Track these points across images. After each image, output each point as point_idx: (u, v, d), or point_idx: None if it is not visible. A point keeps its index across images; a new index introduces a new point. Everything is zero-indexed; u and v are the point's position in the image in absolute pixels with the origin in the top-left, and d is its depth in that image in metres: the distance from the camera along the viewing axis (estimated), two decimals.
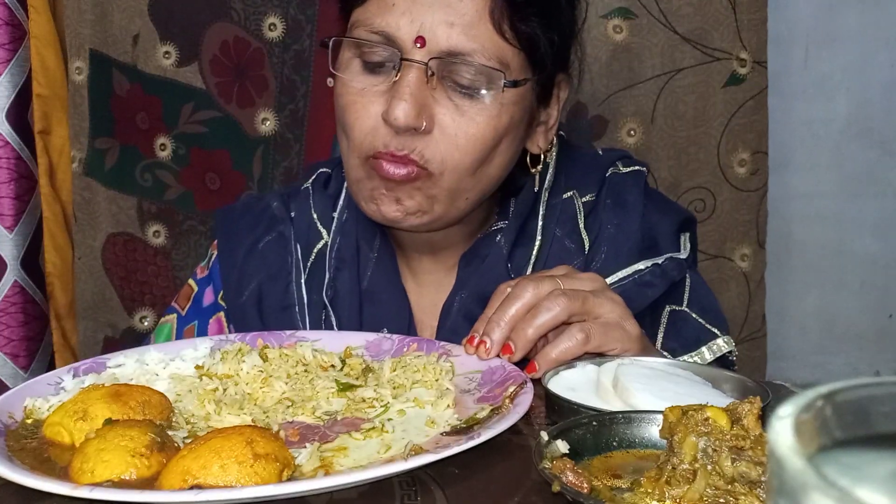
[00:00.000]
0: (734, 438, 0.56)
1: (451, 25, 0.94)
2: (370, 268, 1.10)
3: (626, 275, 1.06)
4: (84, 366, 0.87)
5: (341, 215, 1.13)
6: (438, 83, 0.96)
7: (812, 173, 1.78)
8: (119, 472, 0.62)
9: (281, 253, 1.13)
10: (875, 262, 1.80)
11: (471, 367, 0.87)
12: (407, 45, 0.95)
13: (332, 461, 0.67)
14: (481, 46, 0.95)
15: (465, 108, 0.96)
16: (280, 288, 1.11)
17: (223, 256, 1.16)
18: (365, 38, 0.97)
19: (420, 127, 0.95)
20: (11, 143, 1.63)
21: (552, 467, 0.59)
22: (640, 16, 1.58)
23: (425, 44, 0.94)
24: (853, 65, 1.74)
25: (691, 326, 1.07)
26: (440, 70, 0.95)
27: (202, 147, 1.67)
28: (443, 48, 0.94)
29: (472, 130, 0.97)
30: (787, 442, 0.28)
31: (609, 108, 1.62)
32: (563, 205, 1.11)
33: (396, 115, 0.93)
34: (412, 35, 0.94)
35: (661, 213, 1.12)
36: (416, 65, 0.94)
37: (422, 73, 0.95)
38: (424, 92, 0.95)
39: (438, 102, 0.96)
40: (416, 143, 0.96)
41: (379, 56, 0.97)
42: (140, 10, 1.63)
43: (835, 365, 1.84)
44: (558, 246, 1.09)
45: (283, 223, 1.15)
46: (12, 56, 1.62)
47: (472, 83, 0.96)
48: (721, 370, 0.85)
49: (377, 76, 0.97)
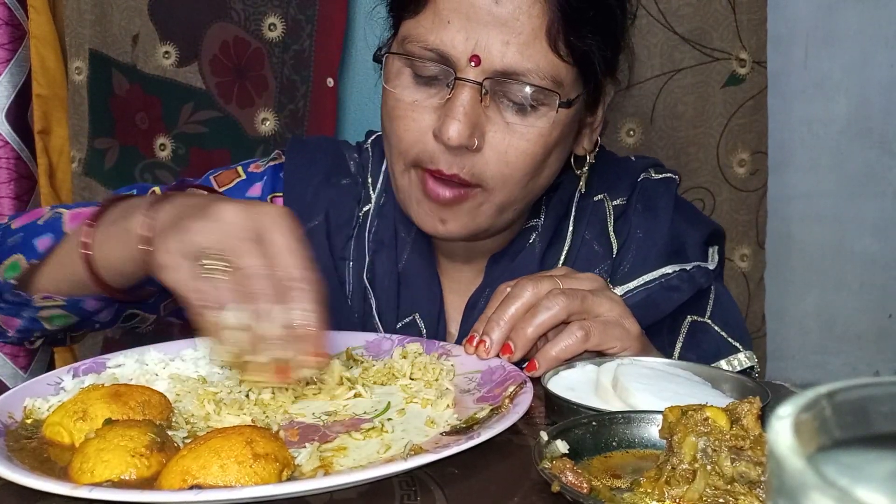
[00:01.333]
0: (734, 438, 0.56)
1: (507, 44, 0.93)
2: (406, 251, 1.10)
3: (652, 278, 1.06)
4: (84, 366, 0.87)
5: (379, 199, 1.13)
6: (491, 101, 0.96)
7: (812, 173, 1.78)
8: (119, 472, 0.62)
9: (351, 204, 1.13)
10: (875, 262, 1.80)
11: (471, 367, 0.87)
12: (461, 63, 0.94)
13: (332, 461, 0.67)
14: (536, 66, 0.94)
15: (516, 126, 0.96)
16: (342, 238, 1.11)
17: (291, 182, 1.13)
18: (418, 54, 0.96)
19: (472, 146, 0.95)
20: (11, 143, 1.63)
21: (552, 467, 0.59)
22: (640, 16, 1.57)
23: (480, 63, 0.93)
24: (853, 65, 1.74)
25: (712, 338, 1.06)
26: (493, 88, 0.95)
27: (202, 147, 1.67)
28: (497, 68, 0.94)
29: (523, 147, 0.96)
30: (787, 442, 0.28)
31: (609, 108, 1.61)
32: (594, 207, 1.11)
33: (450, 135, 0.93)
34: (467, 53, 0.94)
35: (689, 224, 1.12)
36: (470, 84, 0.94)
37: (476, 93, 0.94)
38: (478, 111, 0.95)
39: (490, 120, 0.96)
40: (465, 161, 0.96)
41: (430, 71, 0.96)
42: (140, 10, 1.63)
43: (834, 365, 1.84)
44: (587, 249, 1.09)
45: (357, 176, 1.15)
46: (12, 56, 1.62)
47: (525, 102, 0.95)
48: (721, 370, 0.85)
49: (429, 88, 0.97)
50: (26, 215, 1.04)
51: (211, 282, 0.74)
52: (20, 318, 0.99)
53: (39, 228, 0.99)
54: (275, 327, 0.73)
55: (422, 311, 1.08)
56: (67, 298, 0.96)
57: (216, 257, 0.74)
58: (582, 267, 1.06)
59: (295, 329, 0.73)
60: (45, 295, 0.96)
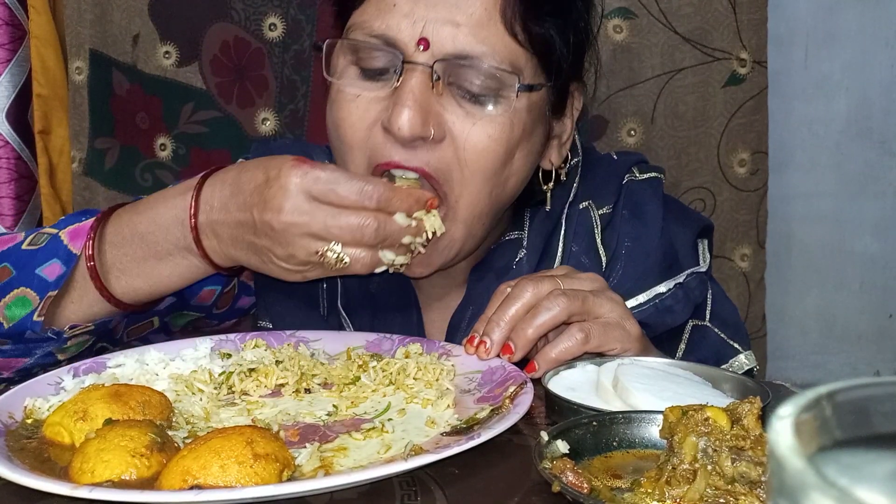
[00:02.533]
0: (734, 438, 0.56)
1: (458, 25, 0.88)
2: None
3: (647, 299, 1.03)
4: (84, 366, 0.87)
5: None
6: (445, 88, 0.90)
7: (812, 173, 1.78)
8: (119, 472, 0.62)
9: None
10: (875, 262, 1.80)
11: (471, 368, 0.87)
12: (409, 47, 0.89)
13: (332, 461, 0.67)
14: (491, 49, 0.89)
15: (475, 116, 0.90)
16: None
17: None
18: (363, 41, 0.91)
19: (428, 135, 0.89)
20: (11, 143, 1.63)
21: (552, 467, 0.59)
22: (640, 16, 1.58)
23: (429, 46, 0.88)
24: (853, 65, 1.74)
25: (711, 341, 1.05)
26: (447, 74, 0.89)
27: (202, 147, 1.67)
28: (448, 50, 0.88)
29: (485, 141, 0.90)
30: (787, 442, 0.28)
31: (609, 108, 1.62)
32: (580, 217, 1.06)
33: (400, 123, 0.87)
34: (414, 37, 0.88)
35: (679, 224, 1.09)
36: (419, 68, 0.88)
37: (426, 78, 0.88)
38: (429, 98, 0.88)
39: (446, 109, 0.90)
40: (425, 154, 0.90)
41: (378, 61, 0.91)
42: (140, 10, 1.63)
43: (835, 365, 1.84)
44: (574, 262, 1.04)
45: None
46: (12, 56, 1.62)
47: (482, 89, 0.89)
48: (721, 370, 0.85)
49: (376, 82, 0.91)
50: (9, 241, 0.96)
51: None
52: (30, 356, 0.93)
53: (37, 255, 0.92)
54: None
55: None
56: (97, 322, 0.94)
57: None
58: None
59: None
60: (73, 324, 0.93)
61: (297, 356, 0.87)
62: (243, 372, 0.84)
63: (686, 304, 1.04)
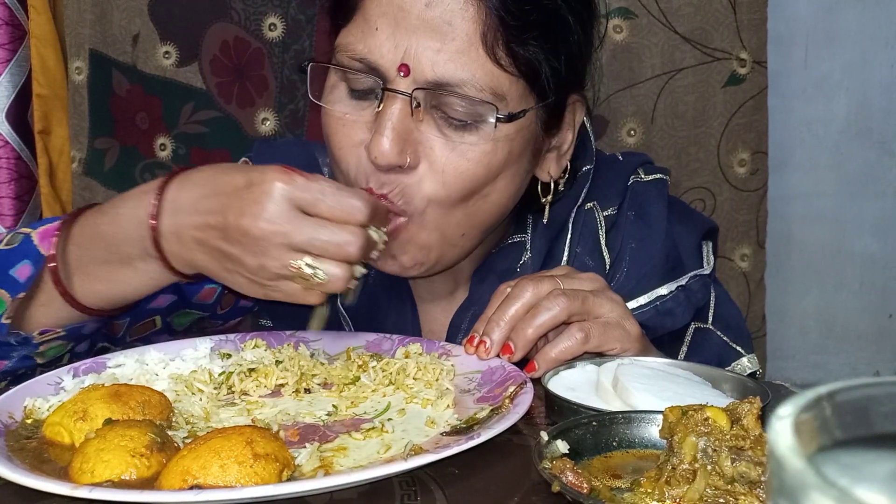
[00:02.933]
0: (734, 438, 0.56)
1: (439, 52, 0.86)
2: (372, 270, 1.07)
3: (648, 301, 1.02)
4: (84, 366, 0.87)
5: None
6: (426, 114, 0.88)
7: (812, 173, 1.78)
8: (119, 472, 0.62)
9: None
10: (875, 262, 1.80)
11: (471, 368, 0.87)
12: (390, 73, 0.87)
13: (332, 461, 0.67)
14: (472, 76, 0.86)
15: (455, 142, 0.89)
16: None
17: None
18: (346, 64, 0.90)
19: (404, 163, 0.88)
20: (11, 143, 1.63)
21: (552, 467, 0.59)
22: (640, 16, 1.58)
23: (409, 72, 0.86)
24: (853, 65, 1.74)
25: (714, 345, 1.04)
26: (427, 101, 0.88)
27: (202, 147, 1.67)
28: (429, 78, 0.86)
29: (463, 167, 0.89)
30: (787, 442, 0.28)
31: (609, 108, 1.62)
32: (585, 218, 1.06)
33: (376, 153, 0.86)
34: (395, 62, 0.86)
35: (684, 226, 1.08)
36: (399, 96, 0.86)
37: (406, 105, 0.87)
38: (408, 125, 0.87)
39: (425, 136, 0.89)
40: (399, 179, 0.89)
41: (363, 84, 0.90)
42: (140, 10, 1.63)
43: (835, 365, 1.84)
44: (578, 263, 1.04)
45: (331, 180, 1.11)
46: (12, 56, 1.62)
47: (464, 115, 0.88)
48: (721, 370, 0.85)
49: (362, 101, 0.91)
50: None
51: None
52: (8, 358, 0.91)
53: (10, 256, 0.89)
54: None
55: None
56: (67, 327, 0.90)
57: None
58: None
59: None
60: (44, 329, 0.89)
61: (297, 356, 0.87)
62: (243, 372, 0.84)
63: (687, 308, 1.03)
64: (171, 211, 0.83)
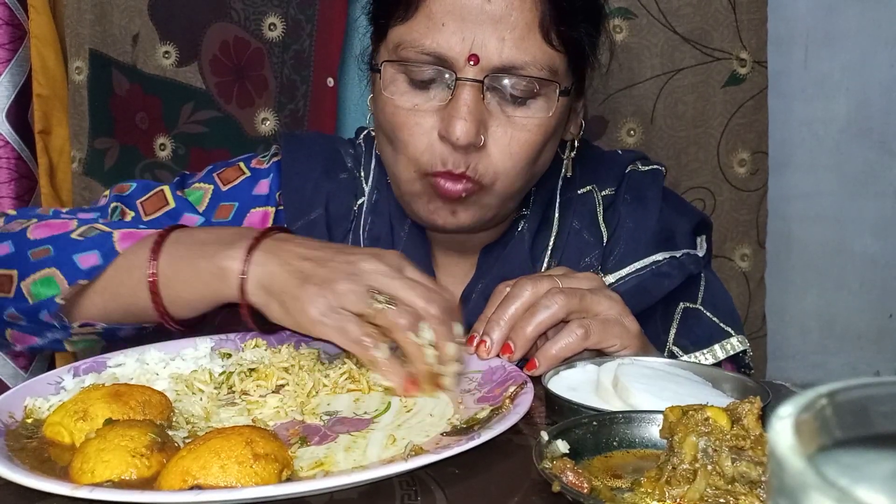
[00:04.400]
0: (734, 438, 0.56)
1: (503, 40, 0.95)
2: (401, 246, 1.10)
3: (644, 265, 1.07)
4: (84, 365, 0.87)
5: (371, 195, 1.13)
6: (491, 96, 0.97)
7: (812, 173, 1.78)
8: (119, 473, 0.62)
9: (347, 198, 1.13)
10: (875, 262, 1.80)
11: (471, 368, 0.87)
12: (460, 63, 0.95)
13: (332, 461, 0.67)
14: (532, 58, 0.96)
15: (516, 118, 0.97)
16: (341, 232, 1.12)
17: (288, 176, 1.13)
18: (414, 58, 0.97)
19: (479, 143, 0.96)
20: (11, 143, 1.63)
21: (552, 467, 0.59)
22: (640, 16, 1.58)
23: (479, 61, 0.95)
24: (853, 65, 1.74)
25: (704, 324, 1.07)
26: (492, 84, 0.96)
27: (202, 147, 1.67)
28: (496, 64, 0.95)
29: (525, 138, 0.98)
30: (787, 442, 0.28)
31: (609, 108, 1.62)
32: (582, 198, 1.12)
33: (458, 135, 0.93)
34: (464, 53, 0.94)
35: (678, 214, 1.13)
36: (471, 83, 0.95)
37: (477, 91, 0.95)
38: (481, 108, 0.96)
39: (492, 116, 0.97)
40: (471, 158, 0.97)
41: (426, 75, 0.97)
42: (140, 10, 1.63)
43: (835, 365, 1.84)
44: (577, 238, 1.09)
45: (353, 171, 1.15)
46: (12, 56, 1.62)
47: (524, 93, 0.97)
48: (721, 370, 0.85)
49: (426, 92, 0.98)
50: (45, 225, 0.98)
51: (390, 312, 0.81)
52: (41, 337, 0.96)
53: (80, 244, 0.94)
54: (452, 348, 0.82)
55: None
56: (107, 326, 0.96)
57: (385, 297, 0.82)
58: (573, 255, 1.08)
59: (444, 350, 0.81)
60: (84, 322, 0.94)
61: (297, 356, 0.87)
62: (243, 372, 0.84)
63: (681, 272, 1.08)
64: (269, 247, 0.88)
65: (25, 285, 0.94)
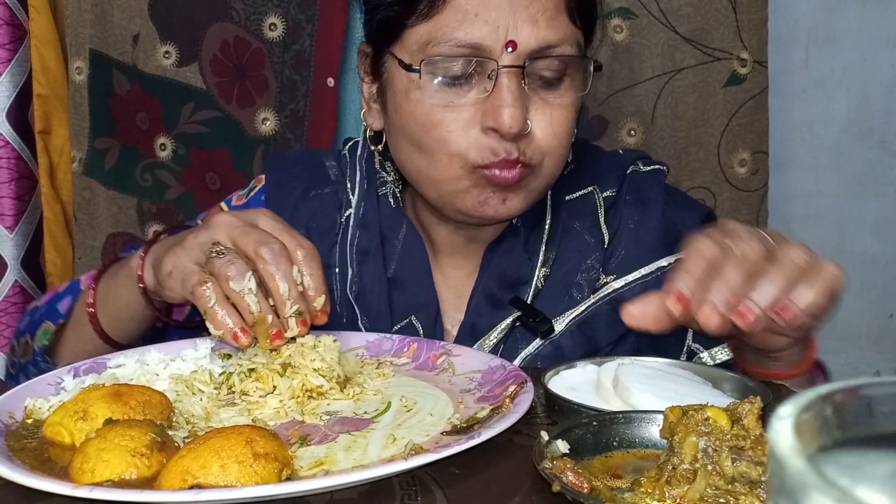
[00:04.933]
0: (734, 438, 0.56)
1: (536, 22, 0.95)
2: (396, 256, 1.10)
3: (650, 271, 1.06)
4: (84, 366, 0.87)
5: (358, 208, 1.13)
6: (530, 81, 0.97)
7: (812, 173, 1.78)
8: (119, 472, 0.62)
9: (332, 211, 1.13)
10: (875, 262, 1.80)
11: (471, 367, 0.87)
12: (497, 51, 0.95)
13: (333, 460, 0.67)
14: (565, 36, 0.97)
15: (551, 100, 0.98)
16: (326, 245, 1.11)
17: (272, 197, 1.15)
18: (448, 53, 0.96)
19: (527, 129, 0.96)
20: (12, 143, 1.63)
21: (553, 467, 0.59)
22: (640, 16, 1.58)
23: (517, 47, 0.94)
24: (853, 65, 1.74)
25: None
26: (529, 69, 0.96)
27: (202, 147, 1.67)
28: (533, 47, 0.95)
29: (564, 116, 0.99)
30: (788, 442, 0.28)
31: (609, 108, 1.62)
32: (583, 200, 1.11)
33: (509, 123, 0.93)
34: (501, 41, 0.94)
35: (683, 209, 1.12)
36: (512, 69, 0.95)
37: (517, 77, 0.95)
38: (524, 94, 0.96)
39: (531, 100, 0.98)
40: (521, 144, 0.97)
41: (459, 70, 0.96)
42: (140, 10, 1.63)
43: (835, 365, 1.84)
44: (578, 240, 1.08)
45: (337, 184, 1.15)
46: (12, 56, 1.62)
47: (556, 73, 0.97)
48: (721, 370, 0.85)
49: (460, 88, 0.97)
50: (50, 291, 1.15)
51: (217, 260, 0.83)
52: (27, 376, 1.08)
53: (61, 293, 1.10)
54: (284, 285, 0.83)
55: (418, 312, 1.07)
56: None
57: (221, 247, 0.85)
58: (573, 257, 1.07)
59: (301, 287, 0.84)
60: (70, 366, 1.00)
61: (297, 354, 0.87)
62: (243, 372, 0.84)
63: None
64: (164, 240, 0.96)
65: (34, 342, 1.07)
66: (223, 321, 0.81)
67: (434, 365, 0.90)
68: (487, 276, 1.07)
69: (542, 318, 1.02)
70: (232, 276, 0.81)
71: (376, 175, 1.14)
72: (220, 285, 0.82)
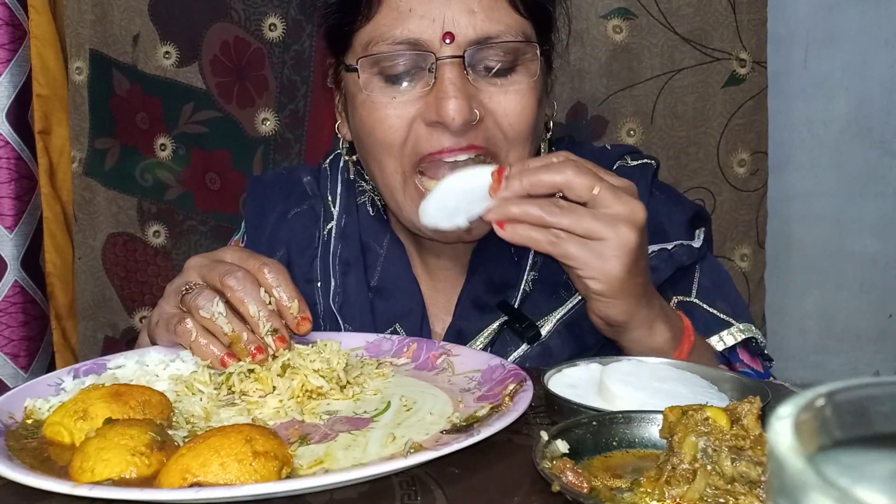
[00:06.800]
0: (734, 438, 0.56)
1: (473, 13, 0.95)
2: (379, 265, 1.09)
3: None
4: (84, 367, 0.87)
5: (340, 219, 1.13)
6: (474, 72, 0.96)
7: (812, 173, 1.78)
8: (119, 471, 0.62)
9: (309, 227, 1.14)
10: (875, 262, 1.80)
11: (471, 367, 0.87)
12: (435, 44, 0.95)
13: (332, 459, 0.67)
14: (506, 27, 0.96)
15: (506, 87, 0.97)
16: (306, 261, 1.12)
17: (252, 223, 1.17)
18: (388, 51, 0.96)
19: (475, 119, 0.95)
20: (11, 144, 1.63)
21: (552, 467, 0.59)
22: (640, 16, 1.58)
23: (454, 38, 0.94)
24: (853, 65, 1.74)
25: (699, 317, 1.04)
26: (472, 59, 0.96)
27: (202, 147, 1.67)
28: (471, 38, 0.95)
29: (520, 103, 0.98)
30: (787, 442, 0.28)
31: (609, 108, 1.62)
32: None
33: (452, 115, 0.93)
34: (438, 33, 0.94)
35: (670, 205, 1.11)
36: (450, 61, 0.94)
37: (459, 67, 0.95)
38: (467, 84, 0.95)
39: (480, 90, 0.97)
40: (472, 135, 0.95)
41: (402, 66, 0.96)
42: (140, 10, 1.63)
43: (835, 365, 1.84)
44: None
45: (314, 198, 1.16)
46: (12, 56, 1.62)
47: (505, 62, 0.97)
48: (721, 370, 0.85)
49: (399, 85, 0.97)
50: None
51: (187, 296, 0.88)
52: None
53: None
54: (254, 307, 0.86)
55: (402, 320, 1.07)
56: None
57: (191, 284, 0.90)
58: None
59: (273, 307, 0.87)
60: None
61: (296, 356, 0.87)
62: (243, 372, 0.84)
63: (670, 264, 1.04)
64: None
65: None
66: (207, 350, 0.85)
67: (433, 365, 0.90)
68: (475, 281, 1.07)
69: (529, 323, 1.01)
70: (201, 306, 0.86)
71: (355, 185, 1.14)
72: (194, 317, 0.86)
